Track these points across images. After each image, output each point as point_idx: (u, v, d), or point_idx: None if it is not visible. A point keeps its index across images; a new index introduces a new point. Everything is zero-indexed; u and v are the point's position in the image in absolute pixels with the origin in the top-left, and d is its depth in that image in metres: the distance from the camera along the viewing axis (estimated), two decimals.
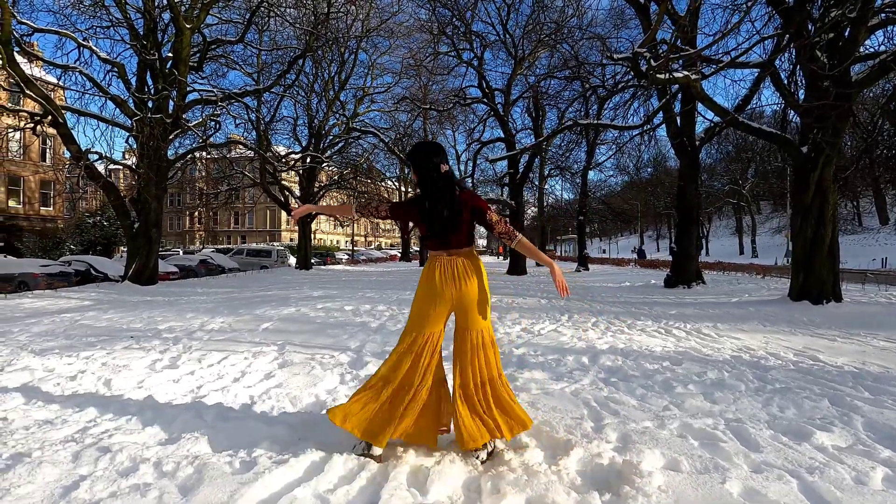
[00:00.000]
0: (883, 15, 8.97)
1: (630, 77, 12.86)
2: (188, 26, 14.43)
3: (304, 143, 25.96)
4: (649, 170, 38.80)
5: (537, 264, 30.33)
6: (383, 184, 35.44)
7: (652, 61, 7.18)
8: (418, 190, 2.54)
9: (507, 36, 21.38)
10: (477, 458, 2.31)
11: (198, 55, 16.69)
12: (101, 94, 14.88)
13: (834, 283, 9.04)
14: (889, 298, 9.87)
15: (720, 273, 19.05)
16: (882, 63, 8.06)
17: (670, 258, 17.01)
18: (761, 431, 2.78)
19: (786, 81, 10.25)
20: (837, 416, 3.09)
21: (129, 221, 14.91)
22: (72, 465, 2.19)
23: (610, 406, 3.20)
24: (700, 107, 13.71)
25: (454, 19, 20.99)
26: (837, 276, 9.19)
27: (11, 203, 28.71)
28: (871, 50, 9.77)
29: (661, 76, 7.30)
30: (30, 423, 2.76)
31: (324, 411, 2.87)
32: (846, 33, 8.68)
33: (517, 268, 21.27)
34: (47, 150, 29.52)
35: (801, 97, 9.69)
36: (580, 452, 2.36)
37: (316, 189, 26.52)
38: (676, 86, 11.08)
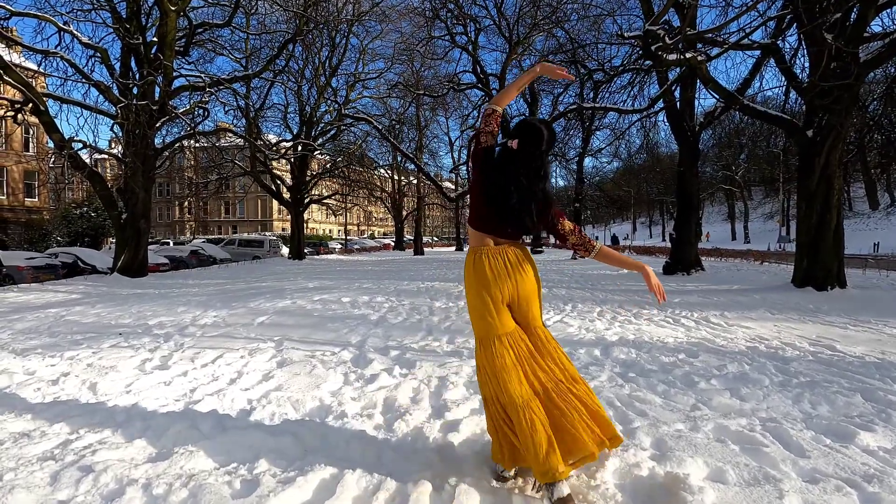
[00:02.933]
0: None
1: (632, 59, 12.55)
2: (173, 8, 13.89)
3: (294, 131, 25.43)
4: (643, 156, 38.58)
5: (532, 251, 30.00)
6: (376, 172, 34.93)
7: (667, 39, 6.88)
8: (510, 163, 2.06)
9: (502, 19, 20.94)
10: (502, 472, 2.07)
11: (184, 39, 16.11)
12: (83, 80, 14.30)
13: (839, 269, 8.91)
14: (892, 284, 9.79)
15: (718, 260, 18.98)
16: (893, 42, 7.85)
17: (663, 245, 16.84)
18: (802, 433, 2.59)
19: (789, 63, 10.02)
20: (875, 413, 2.92)
21: (116, 212, 14.48)
22: (49, 489, 1.94)
23: (635, 406, 3.00)
24: (698, 92, 13.51)
25: (448, 3, 20.50)
26: (842, 262, 9.06)
27: None
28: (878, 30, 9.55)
29: (671, 57, 7.02)
30: (4, 437, 2.49)
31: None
32: (853, 13, 8.46)
33: None
34: (30, 139, 28.70)
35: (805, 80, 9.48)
36: (616, 463, 2.15)
37: (308, 178, 26.04)
38: (678, 69, 10.81)
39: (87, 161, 15.04)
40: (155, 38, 14.53)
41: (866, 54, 8.53)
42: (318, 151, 26.03)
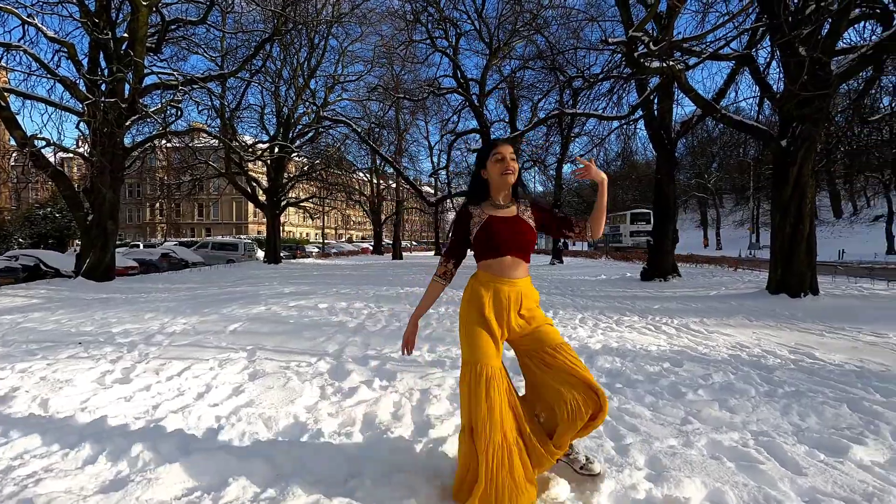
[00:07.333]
0: (858, 10, 9.00)
1: (612, 67, 12.67)
2: (144, 4, 13.42)
3: (271, 132, 24.95)
4: (618, 163, 39.16)
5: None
6: (355, 175, 34.56)
7: (651, 45, 6.90)
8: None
9: (483, 25, 20.99)
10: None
11: (156, 36, 15.62)
12: (48, 75, 13.70)
13: (812, 276, 9.09)
14: (861, 291, 10.03)
15: (693, 266, 19.29)
16: (862, 56, 8.06)
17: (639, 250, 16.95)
18: (795, 447, 2.52)
19: (763, 74, 10.23)
20: (863, 425, 2.89)
21: (81, 213, 13.88)
22: None
23: (625, 419, 2.90)
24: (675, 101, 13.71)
25: (428, 6, 20.42)
26: (815, 269, 9.25)
27: None
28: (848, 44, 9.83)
29: (654, 64, 7.05)
30: None
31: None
32: (825, 26, 8.67)
33: None
34: None
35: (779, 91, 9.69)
36: (611, 485, 2.04)
37: (285, 180, 25.55)
38: (657, 77, 10.93)
39: (52, 160, 14.39)
40: (125, 34, 14.03)
41: (837, 68, 8.73)
42: (296, 154, 25.58)
